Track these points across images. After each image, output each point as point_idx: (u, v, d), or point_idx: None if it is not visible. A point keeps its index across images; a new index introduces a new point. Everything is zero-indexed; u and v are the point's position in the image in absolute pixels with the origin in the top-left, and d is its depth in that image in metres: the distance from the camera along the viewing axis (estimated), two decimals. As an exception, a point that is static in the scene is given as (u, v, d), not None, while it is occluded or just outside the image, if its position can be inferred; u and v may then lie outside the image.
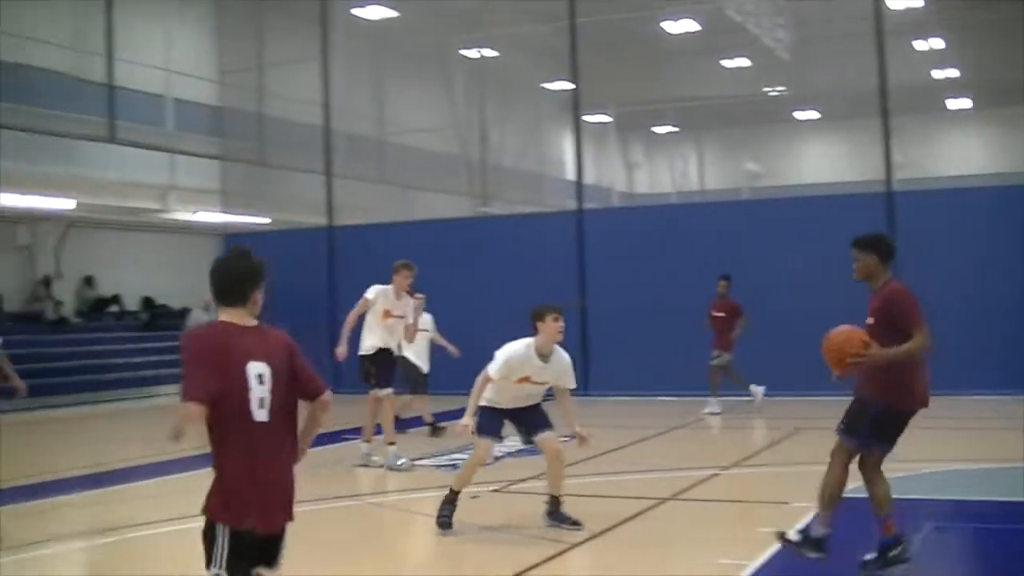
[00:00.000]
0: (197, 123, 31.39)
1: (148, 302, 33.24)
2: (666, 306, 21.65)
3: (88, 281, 32.21)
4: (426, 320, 18.25)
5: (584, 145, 27.24)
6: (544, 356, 10.16)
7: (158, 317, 31.76)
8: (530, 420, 10.44)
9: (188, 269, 32.21)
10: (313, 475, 14.37)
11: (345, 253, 26.60)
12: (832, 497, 8.34)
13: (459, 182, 38.03)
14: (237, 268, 6.09)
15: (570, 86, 26.69)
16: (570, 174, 32.78)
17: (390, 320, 14.86)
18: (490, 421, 10.32)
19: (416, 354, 18.19)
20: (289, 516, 5.78)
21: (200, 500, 5.40)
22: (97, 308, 32.03)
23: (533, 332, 10.14)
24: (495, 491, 12.27)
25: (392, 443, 14.72)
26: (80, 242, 31.83)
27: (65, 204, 28.50)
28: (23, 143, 26.62)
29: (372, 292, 14.84)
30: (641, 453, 16.02)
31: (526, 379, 10.19)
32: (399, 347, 15.57)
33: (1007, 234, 21.51)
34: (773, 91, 43.49)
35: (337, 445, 16.90)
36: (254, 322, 5.91)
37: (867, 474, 8.40)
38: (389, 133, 35.47)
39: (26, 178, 26.77)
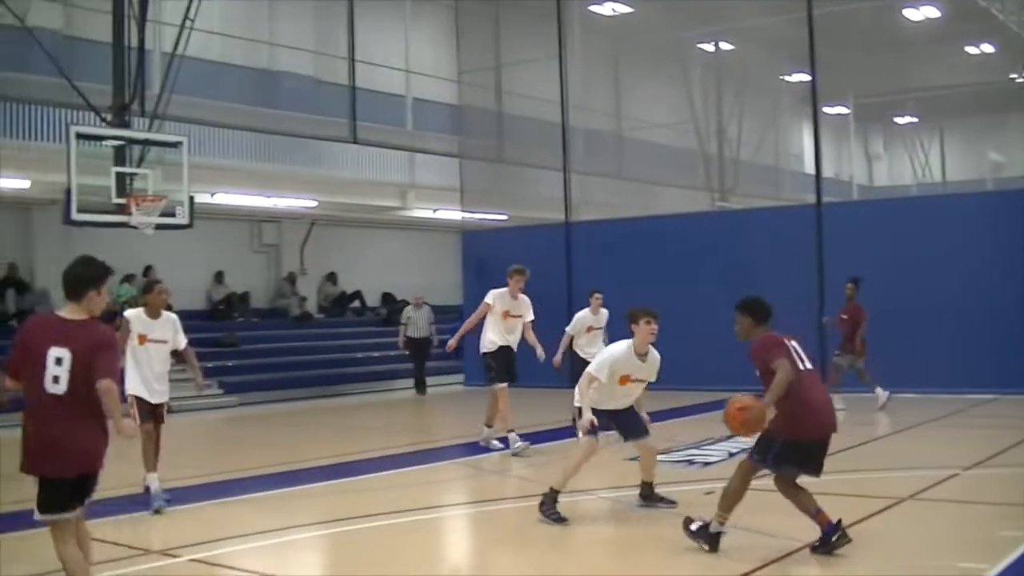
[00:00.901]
0: (436, 122, 31.90)
1: (388, 298, 33.92)
2: (905, 301, 21.19)
3: (331, 278, 33.05)
4: (603, 316, 18.65)
5: (822, 137, 26.81)
6: (642, 356, 10.90)
7: (397, 312, 32.38)
8: (629, 424, 11.22)
9: (427, 265, 32.87)
10: (546, 468, 14.52)
11: (582, 249, 26.68)
12: (731, 502, 9.29)
13: (696, 177, 37.85)
14: (76, 273, 7.60)
15: (808, 77, 26.25)
16: (809, 167, 32.35)
17: (509, 320, 16.27)
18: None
19: (586, 350, 18.47)
20: (81, 469, 7.41)
21: (429, 492, 5.61)
22: (339, 304, 32.84)
23: (630, 333, 10.84)
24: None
25: (511, 430, 16.05)
26: (323, 240, 32.70)
27: (308, 203, 29.32)
28: (269, 145, 27.49)
29: (491, 297, 16.25)
30: (881, 450, 15.75)
31: (627, 378, 10.86)
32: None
33: None
34: (1020, 78, 42.13)
35: (574, 439, 17.02)
36: (83, 316, 7.49)
37: (782, 488, 9.35)
38: (626, 129, 35.51)
39: (272, 179, 27.59)
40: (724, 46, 38.26)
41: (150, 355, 12.24)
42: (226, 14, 28.77)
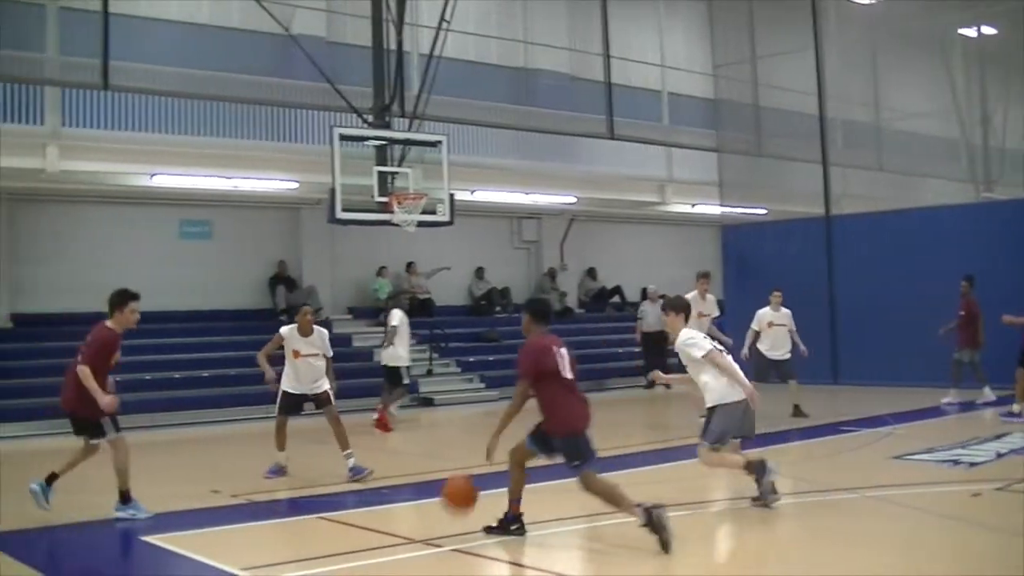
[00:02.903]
0: (692, 116, 31.75)
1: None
2: None
3: (590, 273, 33.20)
4: (784, 314, 19.67)
5: (1096, 123, 25.72)
6: None
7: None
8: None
9: (687, 260, 32.75)
10: (806, 464, 14.33)
11: (842, 242, 26.22)
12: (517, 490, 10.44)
13: (960, 167, 36.78)
14: (108, 299, 11.50)
15: (1079, 59, 25.22)
16: (1080, 154, 31.13)
17: (701, 320, 17.47)
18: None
19: (769, 346, 19.78)
20: (80, 413, 11.46)
21: (695, 487, 5.61)
22: (599, 299, 32.96)
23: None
24: (998, 489, 11.80)
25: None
26: (583, 235, 32.88)
27: (567, 200, 29.54)
28: (527, 142, 27.81)
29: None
30: None
31: None
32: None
33: None
34: None
35: (836, 437, 16.86)
36: (110, 323, 11.46)
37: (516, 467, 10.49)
38: (885, 119, 34.75)
39: (531, 176, 27.90)
40: (987, 30, 37.03)
41: (307, 365, 14.31)
42: (481, 15, 29.23)
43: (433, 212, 20.68)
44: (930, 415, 18.69)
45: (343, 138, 19.85)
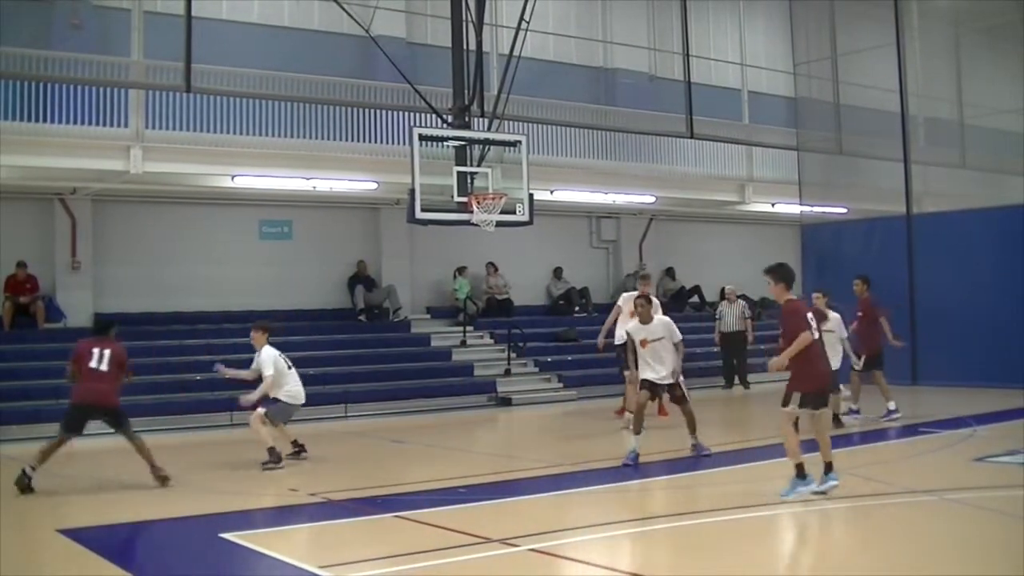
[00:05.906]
0: (773, 115, 31.55)
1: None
2: None
3: (669, 272, 33.09)
4: (833, 319, 18.60)
5: None
6: None
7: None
8: None
9: (766, 260, 32.33)
10: (874, 467, 14.21)
11: (924, 242, 25.94)
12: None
13: (1047, 164, 36.24)
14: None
15: None
16: None
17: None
18: None
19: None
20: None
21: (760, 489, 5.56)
22: (678, 299, 32.81)
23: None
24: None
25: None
26: (662, 235, 32.81)
27: (646, 199, 29.49)
28: (606, 141, 27.82)
29: (621, 300, 19.41)
30: None
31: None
32: None
33: None
34: None
35: (916, 438, 16.72)
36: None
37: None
38: (969, 116, 34.34)
39: (610, 175, 27.90)
40: (1077, 23, 36.46)
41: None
42: (561, 14, 29.26)
43: (512, 212, 20.67)
44: (1013, 416, 18.45)
45: (423, 138, 19.91)
